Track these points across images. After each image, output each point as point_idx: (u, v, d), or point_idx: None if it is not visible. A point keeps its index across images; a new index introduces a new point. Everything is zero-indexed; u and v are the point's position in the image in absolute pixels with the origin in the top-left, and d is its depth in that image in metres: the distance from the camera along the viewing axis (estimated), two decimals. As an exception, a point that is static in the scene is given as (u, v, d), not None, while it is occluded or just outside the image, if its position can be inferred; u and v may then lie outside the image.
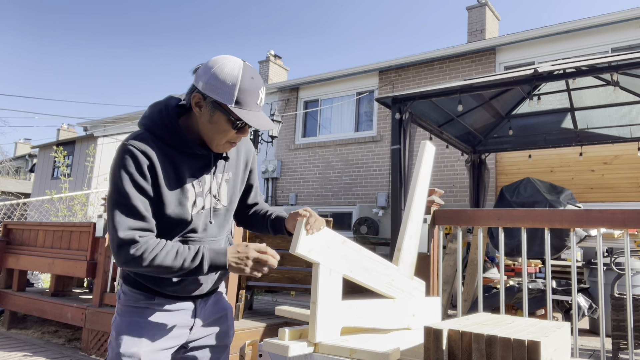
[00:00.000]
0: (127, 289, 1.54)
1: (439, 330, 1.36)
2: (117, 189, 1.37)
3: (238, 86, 1.39)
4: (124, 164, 1.38)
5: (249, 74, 1.42)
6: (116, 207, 1.37)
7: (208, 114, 1.43)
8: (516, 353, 1.25)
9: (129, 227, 1.36)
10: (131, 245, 1.34)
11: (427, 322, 1.95)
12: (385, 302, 1.82)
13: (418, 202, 2.09)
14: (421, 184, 2.13)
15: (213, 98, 1.40)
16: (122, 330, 1.48)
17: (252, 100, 1.42)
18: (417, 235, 2.09)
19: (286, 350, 1.50)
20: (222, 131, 1.44)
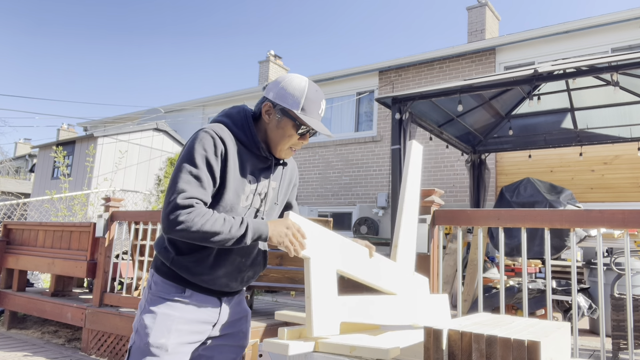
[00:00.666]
0: (159, 279, 1.60)
1: (439, 330, 1.36)
2: (189, 159, 1.48)
3: (305, 96, 1.59)
4: (202, 142, 1.50)
5: (314, 87, 1.63)
6: (183, 173, 1.47)
7: (276, 120, 1.60)
8: (516, 353, 1.25)
9: (189, 195, 1.45)
10: (185, 209, 1.42)
11: (435, 318, 1.96)
12: (386, 298, 1.81)
13: (410, 196, 2.10)
14: (411, 179, 2.14)
15: (282, 106, 1.58)
16: (152, 320, 1.54)
17: (315, 109, 1.61)
18: (414, 230, 2.08)
19: (286, 349, 1.50)
20: (287, 136, 1.60)
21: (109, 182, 11.29)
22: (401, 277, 1.90)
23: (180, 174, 1.47)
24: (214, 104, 13.79)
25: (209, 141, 1.51)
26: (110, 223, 4.71)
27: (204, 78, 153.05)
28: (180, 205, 1.42)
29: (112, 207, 4.77)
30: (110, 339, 4.40)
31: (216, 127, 1.56)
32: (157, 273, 1.61)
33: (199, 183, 1.47)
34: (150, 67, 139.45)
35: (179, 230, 1.42)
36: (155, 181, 10.61)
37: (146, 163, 13.01)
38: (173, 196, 1.44)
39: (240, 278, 1.67)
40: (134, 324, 1.59)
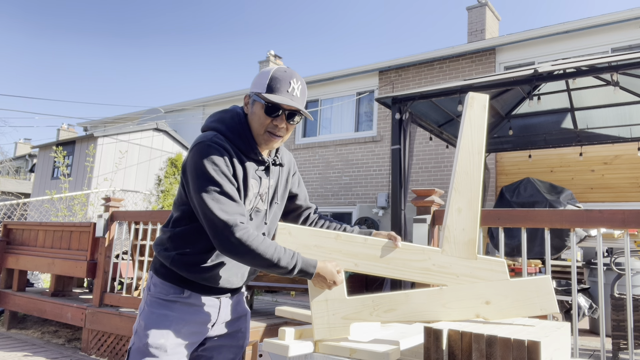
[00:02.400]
0: (158, 281, 1.60)
1: (439, 330, 1.36)
2: (208, 180, 1.46)
3: (270, 76, 1.58)
4: (210, 157, 1.49)
5: (282, 68, 1.61)
6: (211, 195, 1.45)
7: (251, 108, 1.62)
8: (516, 353, 1.25)
9: (228, 212, 1.44)
10: (235, 227, 1.42)
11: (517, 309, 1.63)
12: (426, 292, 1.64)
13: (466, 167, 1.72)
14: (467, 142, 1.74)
15: (252, 91, 1.61)
16: (151, 322, 1.55)
17: (283, 87, 1.57)
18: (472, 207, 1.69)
19: (286, 350, 1.50)
20: (260, 120, 1.58)
21: (109, 182, 11.28)
22: (450, 264, 1.65)
23: (208, 198, 1.45)
24: (214, 104, 13.78)
25: (216, 154, 1.50)
26: (110, 223, 4.71)
27: (204, 78, 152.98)
28: (226, 222, 1.42)
29: (112, 207, 4.76)
30: (110, 339, 4.40)
31: (215, 137, 1.55)
32: (155, 275, 1.62)
33: (230, 198, 1.47)
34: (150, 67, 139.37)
35: (235, 250, 1.42)
36: (155, 181, 10.61)
37: (146, 163, 13.01)
38: (213, 218, 1.43)
39: (240, 274, 1.67)
40: (134, 326, 1.60)
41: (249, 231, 1.44)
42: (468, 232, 1.68)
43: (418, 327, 1.84)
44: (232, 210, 1.45)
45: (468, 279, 1.64)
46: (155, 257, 1.65)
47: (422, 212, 3.18)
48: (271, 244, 1.46)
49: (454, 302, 1.64)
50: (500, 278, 1.65)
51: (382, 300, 1.63)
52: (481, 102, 1.80)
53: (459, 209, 1.69)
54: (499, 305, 1.64)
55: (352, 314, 1.61)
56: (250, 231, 1.44)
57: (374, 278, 6.43)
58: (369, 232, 1.76)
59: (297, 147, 11.73)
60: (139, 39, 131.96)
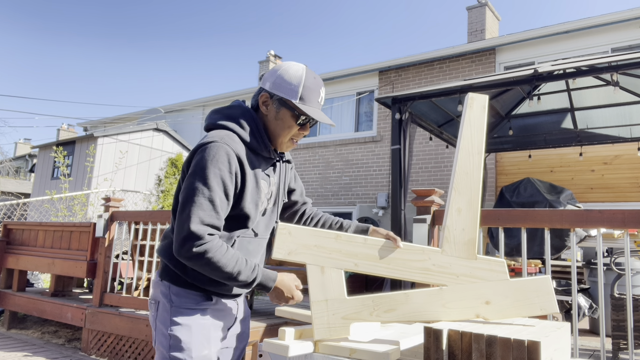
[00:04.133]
0: (180, 290, 1.51)
1: (439, 330, 1.36)
2: (203, 181, 1.40)
3: (302, 84, 1.52)
4: (218, 160, 1.41)
5: (312, 75, 1.56)
6: (197, 197, 1.39)
7: (274, 111, 1.54)
8: (516, 353, 1.25)
9: (202, 221, 1.38)
10: (197, 240, 1.36)
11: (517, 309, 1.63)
12: (425, 292, 1.64)
13: (466, 167, 1.73)
14: (467, 143, 1.75)
15: (279, 95, 1.52)
16: (188, 333, 1.46)
17: (314, 97, 1.54)
18: (471, 207, 1.70)
19: (286, 350, 1.50)
20: (286, 127, 1.54)
21: (109, 182, 11.29)
22: (450, 265, 1.65)
23: (193, 197, 1.39)
24: (214, 104, 13.78)
25: (223, 157, 1.42)
26: (110, 223, 4.71)
27: (204, 78, 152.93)
28: (193, 233, 1.36)
29: (112, 207, 4.77)
30: (110, 339, 4.40)
31: (227, 137, 1.46)
32: (174, 284, 1.51)
33: (212, 207, 1.40)
34: (150, 67, 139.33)
35: (191, 261, 1.38)
36: (155, 181, 10.61)
37: (146, 163, 13.01)
38: (184, 221, 1.38)
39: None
40: (159, 343, 1.49)
41: (213, 243, 1.39)
42: (468, 232, 1.68)
43: (418, 327, 1.84)
44: (209, 220, 1.39)
45: (468, 279, 1.64)
46: (168, 267, 1.54)
47: (422, 212, 3.18)
48: (233, 256, 1.42)
49: (453, 302, 1.63)
50: (500, 278, 1.65)
51: (382, 300, 1.63)
52: (481, 102, 1.80)
53: (458, 209, 1.69)
54: (499, 305, 1.63)
55: (352, 314, 1.61)
56: (214, 243, 1.39)
57: (374, 278, 6.43)
58: (367, 227, 1.75)
59: (297, 147, 11.73)
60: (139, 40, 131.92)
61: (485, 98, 1.81)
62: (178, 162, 10.39)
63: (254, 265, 1.46)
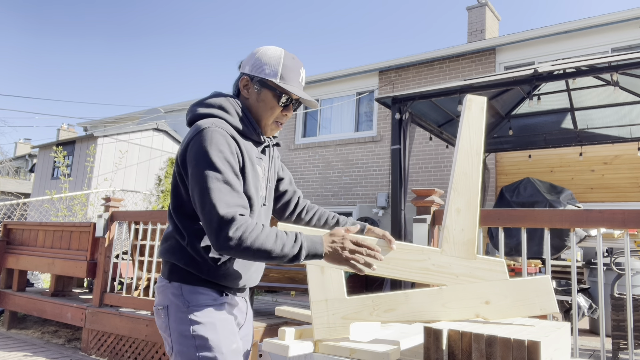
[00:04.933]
0: (193, 289, 1.42)
1: (439, 330, 1.36)
2: (210, 166, 1.33)
3: (282, 63, 1.50)
4: (215, 142, 1.36)
5: (290, 56, 1.54)
6: (212, 184, 1.31)
7: (255, 94, 1.52)
8: (516, 353, 1.25)
9: (228, 203, 1.31)
10: (231, 223, 1.28)
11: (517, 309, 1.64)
12: (425, 292, 1.65)
13: (465, 168, 1.75)
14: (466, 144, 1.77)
15: (259, 77, 1.50)
16: (214, 331, 1.39)
17: (295, 77, 1.52)
18: (470, 208, 1.72)
19: (286, 350, 1.50)
20: (269, 108, 1.52)
21: (109, 182, 11.29)
22: (450, 264, 1.66)
23: (209, 186, 1.31)
24: (214, 104, 13.78)
25: (221, 140, 1.37)
26: (110, 223, 4.71)
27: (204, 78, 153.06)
28: (224, 217, 1.28)
29: (112, 207, 4.77)
30: (110, 339, 4.40)
31: (218, 122, 1.42)
32: (187, 283, 1.42)
33: (229, 188, 1.33)
34: (150, 67, 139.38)
35: (231, 249, 1.28)
36: (155, 181, 10.62)
37: (146, 163, 13.01)
38: (211, 210, 1.29)
39: (262, 269, 1.63)
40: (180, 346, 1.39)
41: (248, 222, 1.30)
42: (467, 232, 1.68)
43: (418, 327, 1.84)
44: (233, 201, 1.32)
45: (467, 279, 1.64)
46: (176, 266, 1.45)
47: (422, 212, 3.18)
48: (270, 233, 1.32)
49: (453, 302, 1.64)
50: (499, 278, 1.65)
51: (382, 300, 1.63)
52: (479, 104, 1.81)
53: (457, 209, 1.70)
54: (499, 305, 1.64)
55: (352, 313, 1.61)
56: (249, 222, 1.31)
57: (374, 278, 6.43)
58: (363, 226, 1.70)
59: (297, 147, 11.73)
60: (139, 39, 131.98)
61: (484, 100, 1.82)
62: (178, 162, 10.39)
63: (296, 235, 1.36)
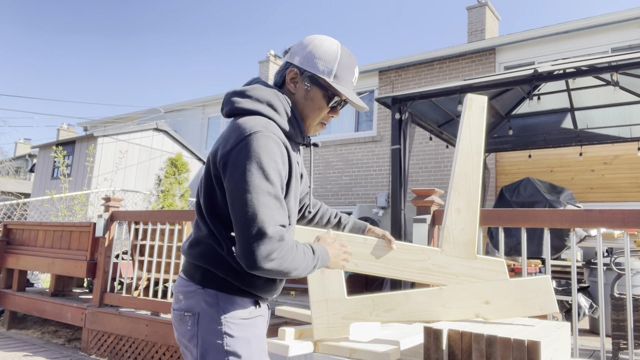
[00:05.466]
0: (230, 298, 1.32)
1: (439, 330, 1.36)
2: (262, 178, 1.20)
3: (338, 61, 1.36)
4: (270, 151, 1.23)
5: (347, 52, 1.39)
6: (262, 197, 1.19)
7: (303, 90, 1.37)
8: (516, 353, 1.25)
9: (276, 222, 1.20)
10: (276, 243, 1.18)
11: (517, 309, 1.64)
12: (425, 292, 1.65)
13: (465, 168, 1.74)
14: (466, 143, 1.76)
15: (311, 72, 1.36)
16: (248, 347, 1.31)
17: (349, 77, 1.39)
18: (470, 208, 1.71)
19: (286, 350, 1.50)
20: (317, 108, 1.38)
21: (109, 182, 11.29)
22: (449, 265, 1.66)
23: (258, 197, 1.19)
24: (214, 104, 13.78)
25: (275, 148, 1.24)
26: (110, 223, 4.71)
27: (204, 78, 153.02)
28: (272, 237, 1.18)
29: (112, 207, 4.76)
30: (110, 339, 4.40)
31: (270, 126, 1.28)
32: (223, 292, 1.32)
33: (279, 204, 1.23)
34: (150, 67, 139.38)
35: (269, 270, 1.20)
36: (155, 181, 10.60)
37: (146, 163, 13.00)
38: (259, 226, 1.17)
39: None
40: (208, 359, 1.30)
41: (289, 244, 1.23)
42: (467, 232, 1.68)
43: (418, 327, 1.84)
44: (281, 219, 1.22)
45: (468, 279, 1.64)
46: (211, 272, 1.33)
47: (422, 212, 3.18)
48: (302, 251, 1.27)
49: (453, 302, 1.64)
50: (499, 278, 1.65)
51: (382, 300, 1.63)
52: (480, 103, 1.81)
53: (458, 209, 1.70)
54: (499, 305, 1.63)
55: (352, 313, 1.61)
56: (290, 244, 1.23)
57: (374, 278, 6.43)
58: (365, 226, 1.69)
59: (297, 147, 11.74)
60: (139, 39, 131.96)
61: (484, 99, 1.82)
62: (178, 161, 10.38)
63: (312, 250, 1.32)
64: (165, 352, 4.02)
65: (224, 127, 14.15)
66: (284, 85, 1.41)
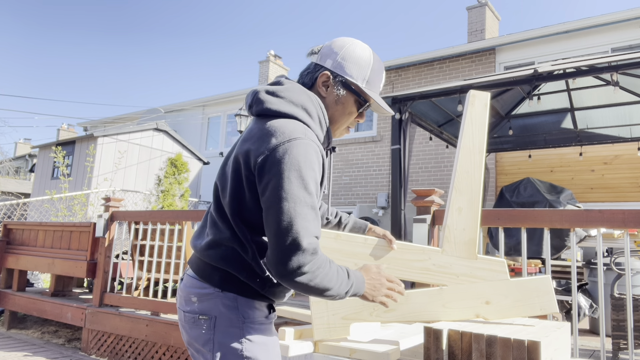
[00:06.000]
0: (250, 302, 1.30)
1: (439, 330, 1.36)
2: (301, 187, 1.17)
3: (371, 67, 1.36)
4: (310, 160, 1.20)
5: (377, 58, 1.40)
6: (300, 207, 1.16)
7: (335, 95, 1.35)
8: (516, 353, 1.25)
9: (312, 233, 1.18)
10: (311, 256, 1.16)
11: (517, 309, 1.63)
12: (426, 292, 1.64)
13: (467, 166, 1.72)
14: (468, 141, 1.74)
15: (344, 77, 1.34)
16: (266, 353, 1.29)
17: (378, 83, 1.39)
18: (472, 207, 1.69)
19: (286, 350, 1.50)
20: (347, 113, 1.37)
21: (109, 182, 11.29)
22: (450, 265, 1.66)
23: (295, 206, 1.16)
24: (214, 103, 13.78)
25: (314, 158, 1.21)
26: (110, 223, 4.71)
27: (204, 78, 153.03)
28: (307, 250, 1.15)
29: (112, 207, 4.76)
30: (110, 339, 4.40)
31: (309, 133, 1.25)
32: (243, 296, 1.29)
33: (314, 215, 1.20)
34: (150, 67, 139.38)
35: (299, 282, 1.17)
36: (155, 181, 10.60)
37: (146, 163, 13.00)
38: (294, 237, 1.15)
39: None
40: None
41: (323, 258, 1.20)
42: (468, 231, 1.67)
43: (418, 327, 1.84)
44: (316, 231, 1.20)
45: (468, 279, 1.64)
46: (229, 274, 1.29)
47: (422, 212, 3.18)
48: (336, 269, 1.23)
49: (454, 302, 1.64)
50: (500, 278, 1.64)
51: None
52: (482, 100, 1.80)
53: (459, 208, 1.69)
54: (499, 305, 1.63)
55: (352, 314, 1.61)
56: (323, 258, 1.21)
57: (374, 278, 6.42)
58: (365, 225, 1.69)
59: (297, 147, 11.73)
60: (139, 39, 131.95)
61: (487, 95, 1.81)
62: (177, 161, 10.38)
63: (347, 273, 1.27)
64: (165, 352, 4.02)
65: (223, 127, 14.15)
66: (313, 87, 1.37)
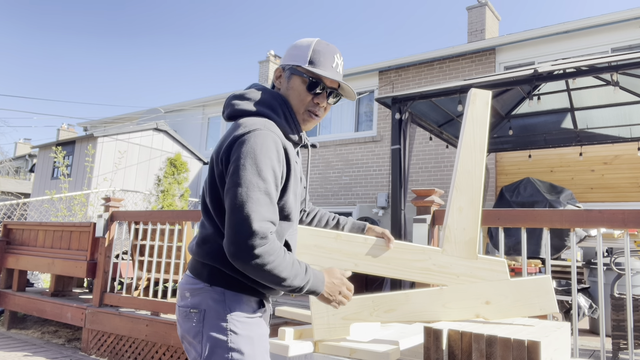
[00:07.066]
0: (237, 296, 1.34)
1: (439, 330, 1.36)
2: (256, 173, 1.25)
3: (312, 48, 1.44)
4: (266, 147, 1.28)
5: (324, 42, 1.47)
6: (253, 192, 1.23)
7: (286, 82, 1.46)
8: (516, 353, 1.25)
9: (264, 217, 1.23)
10: (261, 240, 1.21)
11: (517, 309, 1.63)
12: (426, 292, 1.64)
13: (468, 165, 1.72)
14: (469, 140, 1.74)
15: (290, 64, 1.45)
16: (251, 346, 1.32)
17: (327, 62, 1.44)
18: (473, 206, 1.69)
19: (286, 350, 1.50)
20: (297, 94, 1.43)
21: (109, 182, 11.29)
22: (450, 265, 1.65)
23: (249, 192, 1.23)
24: (214, 104, 13.78)
25: (271, 146, 1.29)
26: (110, 223, 4.71)
27: (204, 78, 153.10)
28: (257, 232, 1.21)
29: (112, 207, 4.76)
30: (110, 339, 4.40)
31: (269, 124, 1.34)
32: (230, 290, 1.34)
33: (269, 200, 1.26)
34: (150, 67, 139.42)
35: (252, 265, 1.22)
36: (155, 181, 10.60)
37: (146, 163, 13.00)
38: (245, 220, 1.21)
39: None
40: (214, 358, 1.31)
41: (275, 243, 1.25)
42: (469, 231, 1.67)
43: (418, 327, 1.84)
44: (269, 216, 1.25)
45: (468, 279, 1.64)
46: (218, 270, 1.35)
47: (422, 212, 3.18)
48: (289, 258, 1.28)
49: (454, 302, 1.64)
50: (500, 278, 1.64)
51: (382, 301, 1.63)
52: (484, 98, 1.79)
53: (460, 207, 1.68)
54: (499, 305, 1.63)
55: (352, 314, 1.60)
56: (276, 244, 1.25)
57: (374, 278, 6.43)
58: (364, 225, 1.70)
59: (297, 147, 11.72)
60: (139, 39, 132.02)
61: (489, 94, 1.80)
62: (177, 161, 10.38)
63: (306, 268, 1.32)
64: (165, 352, 4.02)
65: (224, 127, 14.14)
66: (274, 87, 1.50)
